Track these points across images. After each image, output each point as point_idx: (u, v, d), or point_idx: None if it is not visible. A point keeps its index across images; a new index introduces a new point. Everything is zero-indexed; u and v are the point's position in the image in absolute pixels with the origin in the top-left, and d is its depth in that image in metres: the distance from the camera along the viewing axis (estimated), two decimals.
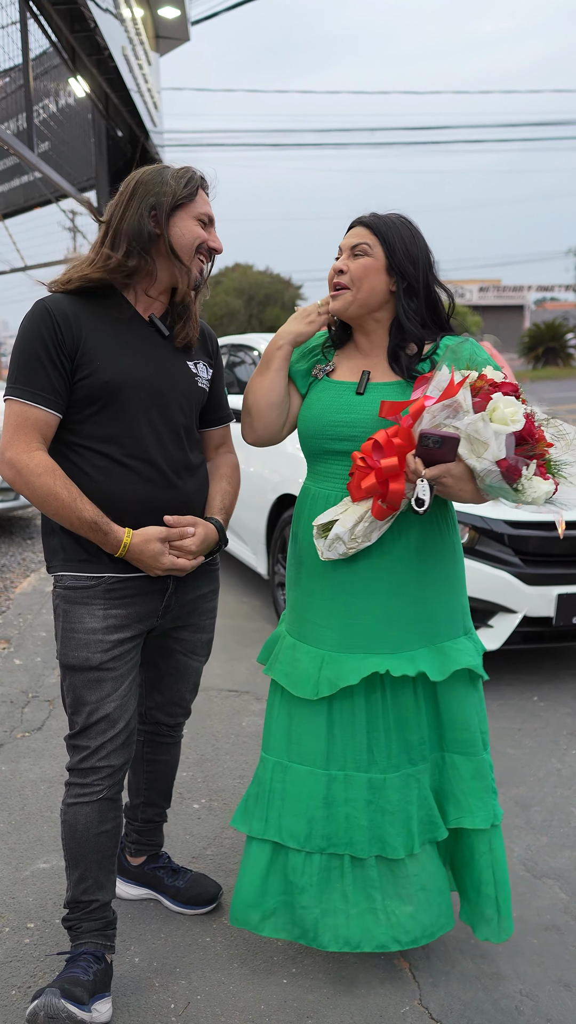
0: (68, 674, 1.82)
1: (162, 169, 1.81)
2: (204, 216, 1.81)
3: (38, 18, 7.02)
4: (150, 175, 1.80)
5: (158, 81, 11.89)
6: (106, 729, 1.80)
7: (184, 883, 2.20)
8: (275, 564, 4.33)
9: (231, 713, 3.42)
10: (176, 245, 1.78)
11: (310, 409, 1.89)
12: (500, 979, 1.96)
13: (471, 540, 3.46)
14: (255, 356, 5.00)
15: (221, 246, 1.85)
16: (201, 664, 2.08)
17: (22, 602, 5.01)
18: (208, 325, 2.02)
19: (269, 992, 1.92)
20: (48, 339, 1.69)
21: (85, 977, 1.79)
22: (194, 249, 1.79)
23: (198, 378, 1.89)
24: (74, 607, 1.79)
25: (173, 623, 1.96)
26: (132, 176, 1.82)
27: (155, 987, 1.94)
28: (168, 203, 1.76)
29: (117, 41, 8.12)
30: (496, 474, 1.64)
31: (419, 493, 1.64)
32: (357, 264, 1.82)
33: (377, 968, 1.99)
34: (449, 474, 1.66)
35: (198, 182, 1.81)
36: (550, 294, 52.27)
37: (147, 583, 1.84)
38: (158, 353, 1.81)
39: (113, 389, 1.73)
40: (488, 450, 1.62)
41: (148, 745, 2.14)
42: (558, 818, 2.64)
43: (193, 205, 1.79)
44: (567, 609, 3.45)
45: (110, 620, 1.79)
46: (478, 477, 1.67)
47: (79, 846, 1.84)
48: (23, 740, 3.16)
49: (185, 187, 1.78)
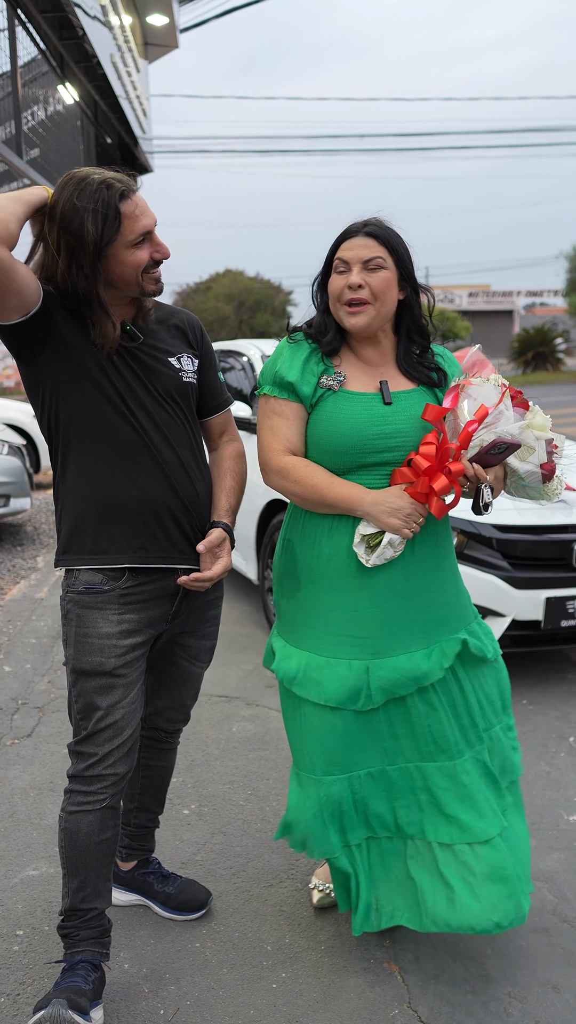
0: (80, 679, 1.81)
1: (73, 201, 1.62)
2: (138, 238, 1.68)
3: (26, 25, 7.03)
4: (67, 217, 1.62)
5: (147, 88, 11.92)
6: (113, 736, 1.80)
7: (174, 889, 2.20)
8: (265, 569, 4.33)
9: (221, 719, 3.42)
10: (118, 283, 1.72)
11: (341, 425, 1.81)
12: (489, 981, 1.97)
13: (460, 544, 3.48)
14: (245, 362, 5.01)
15: (167, 251, 1.75)
16: (203, 670, 2.09)
17: (12, 609, 5.00)
18: (190, 313, 1.99)
19: (259, 997, 1.92)
20: None
21: (86, 986, 1.78)
22: (139, 275, 1.71)
23: (183, 373, 1.87)
24: (88, 612, 1.79)
25: (179, 628, 1.97)
26: (54, 212, 1.65)
27: (145, 993, 1.94)
28: (91, 254, 1.63)
29: (105, 48, 8.14)
30: (537, 476, 1.82)
31: (485, 497, 1.77)
32: (378, 278, 1.79)
33: (366, 972, 2.00)
34: (496, 478, 1.82)
35: (116, 205, 1.63)
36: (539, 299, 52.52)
37: (159, 588, 1.84)
38: (137, 358, 1.81)
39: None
40: (534, 454, 1.79)
41: (145, 750, 2.13)
42: (547, 821, 2.65)
43: (122, 235, 1.65)
44: (555, 613, 3.47)
45: (124, 625, 1.80)
46: (516, 478, 1.84)
47: (80, 854, 1.83)
48: (12, 747, 3.16)
49: (105, 224, 1.61)
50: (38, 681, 3.81)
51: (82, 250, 1.63)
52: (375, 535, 1.81)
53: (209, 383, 1.97)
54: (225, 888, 2.31)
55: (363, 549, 1.82)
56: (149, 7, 10.36)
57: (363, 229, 1.82)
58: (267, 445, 1.89)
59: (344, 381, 1.85)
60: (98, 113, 9.55)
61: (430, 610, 1.90)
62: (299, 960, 2.04)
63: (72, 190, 1.64)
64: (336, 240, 1.86)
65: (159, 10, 10.43)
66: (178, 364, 1.87)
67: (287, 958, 2.05)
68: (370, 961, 2.03)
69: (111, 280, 1.71)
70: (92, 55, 7.81)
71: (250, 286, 31.06)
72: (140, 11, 10.50)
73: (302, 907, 2.23)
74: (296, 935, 2.13)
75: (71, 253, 1.65)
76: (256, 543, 4.39)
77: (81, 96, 8.69)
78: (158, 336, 1.86)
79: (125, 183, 1.67)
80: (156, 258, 1.74)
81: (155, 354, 1.83)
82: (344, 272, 1.82)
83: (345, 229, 1.85)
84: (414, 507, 1.77)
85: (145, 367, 1.81)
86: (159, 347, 1.85)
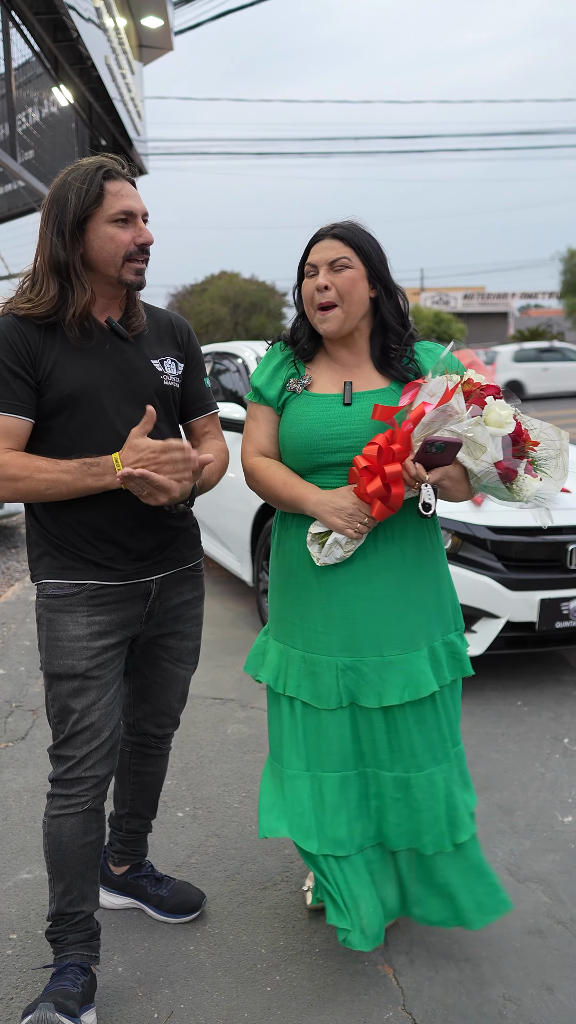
0: (54, 683, 1.81)
1: (65, 179, 1.71)
2: (120, 215, 1.71)
3: (20, 27, 7.03)
4: (55, 191, 1.72)
5: (141, 90, 11.92)
6: (91, 738, 1.80)
7: (168, 892, 2.19)
8: (260, 571, 4.33)
9: (216, 721, 3.41)
10: (97, 263, 1.73)
11: (297, 425, 1.86)
12: (483, 984, 1.97)
13: (454, 546, 3.48)
14: (239, 364, 5.01)
15: (151, 237, 1.77)
16: (188, 672, 2.08)
17: (6, 611, 4.99)
18: (179, 316, 2.00)
19: (253, 1000, 1.92)
20: (7, 357, 1.69)
21: (75, 989, 1.78)
22: (120, 258, 1.73)
23: (165, 376, 1.87)
24: (57, 615, 1.79)
25: (158, 630, 1.96)
26: (49, 191, 1.76)
27: (138, 996, 1.93)
28: (71, 220, 1.69)
29: (100, 50, 8.14)
30: (494, 475, 1.72)
31: (425, 498, 1.70)
32: (343, 278, 1.80)
33: (361, 974, 1.99)
34: (448, 477, 1.73)
35: (100, 180, 1.69)
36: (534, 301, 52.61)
37: (129, 589, 1.83)
38: (119, 357, 1.80)
39: (76, 398, 1.73)
40: (486, 452, 1.70)
41: (135, 757, 2.12)
42: (541, 822, 2.64)
43: (102, 208, 1.70)
44: (550, 614, 3.47)
45: (94, 627, 1.79)
46: (474, 478, 1.75)
47: (64, 858, 1.83)
48: (6, 750, 3.15)
49: (87, 194, 1.68)
50: (32, 684, 3.80)
51: (64, 217, 1.70)
52: (323, 534, 1.83)
53: (194, 386, 1.98)
54: (219, 891, 2.31)
55: (315, 548, 1.84)
56: (144, 9, 10.37)
57: (330, 232, 1.84)
58: (243, 447, 1.99)
59: (310, 384, 1.89)
60: (93, 115, 9.55)
61: (404, 613, 1.87)
62: (293, 963, 2.04)
63: (68, 171, 1.74)
64: (306, 245, 1.88)
65: (154, 12, 10.44)
66: (161, 367, 1.86)
67: (281, 961, 2.04)
68: (364, 964, 2.03)
69: (91, 257, 1.73)
70: (86, 57, 7.82)
71: (245, 288, 31.07)
72: (135, 13, 10.50)
73: (296, 910, 2.23)
74: (290, 938, 2.12)
75: (55, 223, 1.71)
76: (251, 545, 4.39)
77: (76, 98, 8.69)
78: (144, 338, 1.86)
79: (114, 165, 1.74)
80: (139, 242, 1.75)
81: (137, 356, 1.83)
82: (313, 275, 1.84)
83: (315, 233, 1.87)
84: (357, 507, 1.77)
85: (127, 368, 1.80)
86: (143, 349, 1.85)
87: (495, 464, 1.71)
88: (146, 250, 1.77)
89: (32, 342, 1.71)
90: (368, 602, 1.85)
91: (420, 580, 1.89)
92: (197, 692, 3.67)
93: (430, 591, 1.91)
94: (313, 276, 1.84)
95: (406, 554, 1.87)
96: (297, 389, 1.89)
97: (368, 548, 1.84)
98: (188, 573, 1.97)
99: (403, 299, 1.93)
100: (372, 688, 1.85)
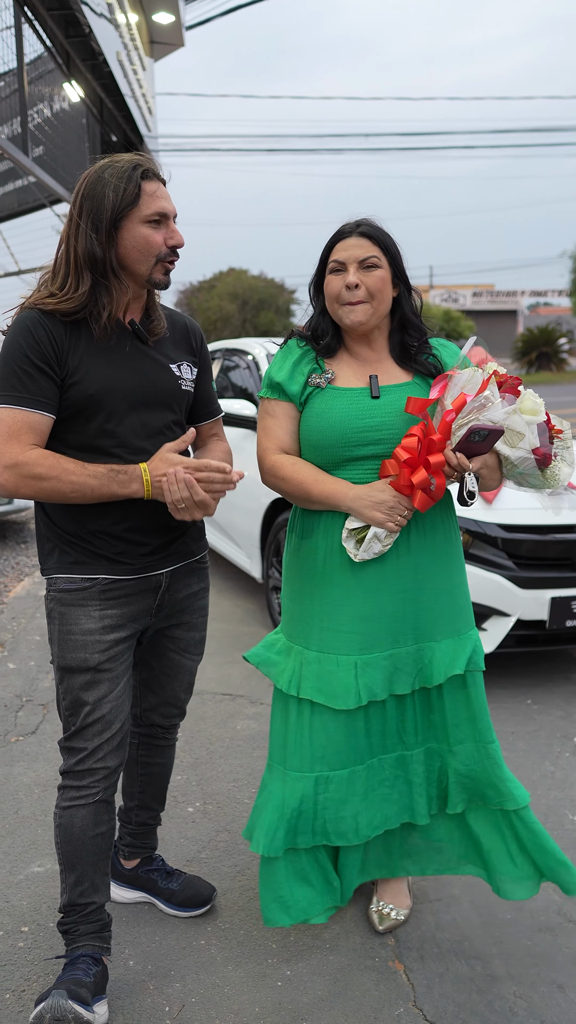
0: (65, 676, 1.82)
1: (101, 174, 1.71)
2: (155, 215, 1.73)
3: (32, 23, 7.04)
4: (91, 185, 1.72)
5: (152, 86, 11.93)
6: (102, 730, 1.81)
7: (178, 885, 2.20)
8: (269, 568, 4.33)
9: (225, 717, 3.42)
10: (128, 261, 1.74)
11: (325, 419, 1.84)
12: (494, 981, 1.97)
13: (465, 543, 3.47)
14: (249, 360, 5.01)
15: (182, 240, 1.78)
16: (194, 663, 2.08)
17: (16, 606, 5.00)
18: (192, 320, 2.01)
19: (264, 995, 1.92)
20: (33, 352, 1.69)
21: (87, 979, 1.80)
22: (152, 259, 1.74)
23: (182, 381, 1.88)
24: (70, 609, 1.80)
25: (166, 621, 1.97)
26: (79, 185, 1.75)
27: (150, 990, 1.94)
28: (108, 218, 1.69)
29: (112, 46, 8.14)
30: (531, 461, 1.78)
31: (469, 486, 1.74)
32: (374, 277, 1.82)
33: (371, 970, 2.00)
34: (486, 465, 1.78)
35: (138, 180, 1.71)
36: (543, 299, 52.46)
37: (140, 583, 1.84)
38: (140, 361, 1.81)
39: (98, 400, 1.73)
40: (524, 440, 1.76)
41: (143, 748, 2.14)
42: (552, 821, 2.64)
43: (138, 209, 1.71)
44: (560, 612, 3.46)
45: (106, 620, 1.80)
46: (510, 465, 1.81)
47: (75, 849, 1.84)
48: (17, 744, 3.16)
49: (124, 192, 1.69)
50: (42, 678, 3.82)
51: (100, 214, 1.69)
52: (361, 529, 1.83)
53: (204, 391, 2.00)
54: (230, 886, 2.31)
55: (352, 544, 1.84)
56: (155, 5, 10.37)
57: (356, 229, 1.85)
58: (261, 444, 1.95)
59: (333, 378, 1.89)
60: (104, 111, 9.56)
61: (425, 608, 1.91)
62: (304, 958, 2.04)
63: (104, 166, 1.74)
64: (329, 241, 1.89)
65: (165, 8, 10.44)
66: (179, 371, 1.87)
67: (292, 956, 2.05)
68: (375, 959, 2.03)
69: (123, 256, 1.73)
70: (98, 53, 7.82)
71: (254, 285, 31.05)
72: (146, 9, 10.51)
73: None
74: (301, 933, 2.12)
75: (91, 218, 1.70)
76: (260, 542, 4.39)
77: (87, 94, 8.70)
78: (162, 341, 1.87)
79: (151, 164, 1.75)
80: (171, 244, 1.76)
81: (157, 360, 1.84)
82: (340, 272, 1.84)
83: (338, 230, 1.88)
84: (397, 500, 1.78)
85: (148, 372, 1.81)
86: (162, 353, 1.86)
87: (533, 451, 1.77)
88: (176, 252, 1.79)
89: (58, 339, 1.71)
90: (394, 594, 1.88)
91: (447, 571, 1.93)
92: (206, 688, 3.68)
93: (457, 583, 1.96)
94: (339, 272, 1.84)
95: (437, 546, 1.90)
96: (321, 384, 1.88)
97: (400, 541, 1.87)
98: (195, 565, 1.99)
99: (417, 296, 1.95)
100: (407, 675, 1.91)
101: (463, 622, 1.97)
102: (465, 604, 1.98)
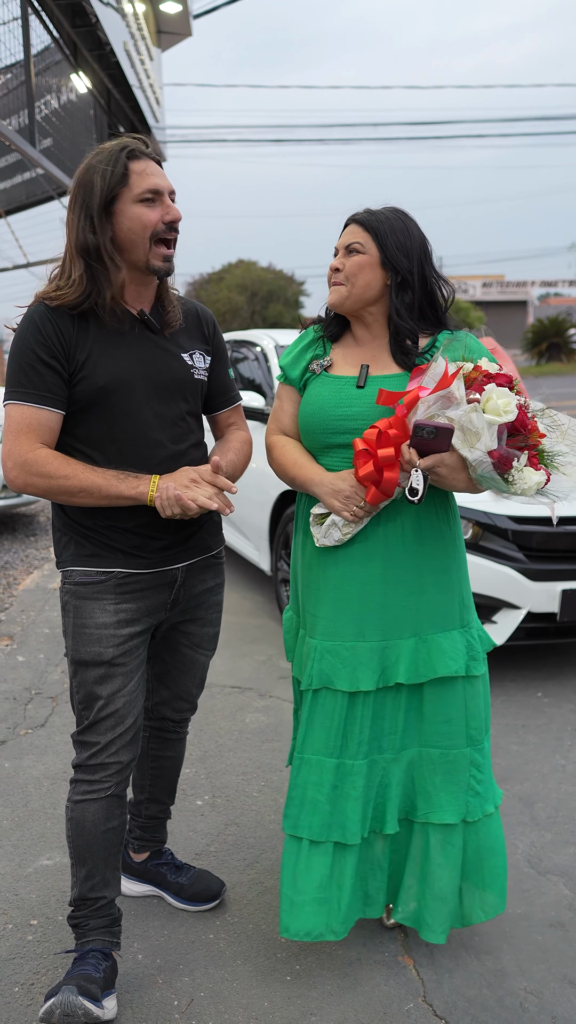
0: (80, 670, 1.81)
1: (91, 162, 1.70)
2: (147, 193, 1.70)
3: (39, 13, 7.01)
4: (82, 175, 1.70)
5: (160, 76, 11.87)
6: (115, 725, 1.80)
7: (187, 879, 2.19)
8: (278, 560, 4.32)
9: (234, 710, 3.41)
10: (125, 242, 1.72)
11: (310, 405, 1.89)
12: (504, 976, 1.95)
13: (475, 536, 3.45)
14: (258, 352, 4.98)
15: (178, 214, 1.75)
16: (207, 658, 2.08)
17: (25, 599, 5.01)
18: (204, 307, 1.99)
19: (273, 989, 1.92)
20: (40, 347, 1.68)
21: (97, 974, 1.79)
22: (147, 239, 1.71)
23: (195, 370, 1.86)
24: (85, 603, 1.79)
25: (180, 616, 1.96)
26: (75, 176, 1.74)
27: (158, 984, 1.93)
28: (99, 204, 1.67)
29: (119, 36, 8.10)
30: (488, 464, 1.67)
31: (413, 483, 1.67)
32: (351, 261, 1.84)
33: (381, 965, 1.99)
34: (443, 464, 1.71)
35: (124, 160, 1.69)
36: (554, 289, 52.16)
37: (156, 577, 1.83)
38: (151, 350, 1.79)
39: (109, 391, 1.72)
40: (480, 440, 1.66)
41: (153, 741, 2.13)
42: (562, 815, 2.63)
43: (129, 188, 1.69)
44: (571, 605, 3.44)
45: (121, 614, 1.79)
46: (470, 467, 1.71)
47: (86, 843, 1.84)
48: (26, 737, 3.16)
49: (112, 174, 1.67)
50: (51, 671, 3.82)
51: (91, 200, 1.68)
52: (323, 515, 1.84)
53: (219, 379, 1.98)
54: (239, 880, 2.31)
55: (316, 528, 1.85)
56: None
57: (355, 217, 1.88)
58: (267, 426, 2.04)
59: (330, 366, 1.92)
60: (111, 102, 9.52)
61: (392, 604, 1.86)
62: (313, 952, 2.03)
63: (92, 156, 1.72)
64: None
65: None
66: (191, 360, 1.86)
67: (301, 950, 2.04)
68: (384, 954, 2.02)
69: (120, 239, 1.71)
70: (105, 43, 7.78)
71: (263, 276, 30.93)
72: None
73: None
74: None
75: (83, 206, 1.70)
76: (269, 534, 4.38)
77: (94, 85, 8.66)
78: (175, 331, 1.85)
79: (137, 144, 1.73)
80: (167, 220, 1.73)
81: (169, 349, 1.82)
82: (336, 258, 1.91)
83: (347, 218, 1.92)
84: (355, 491, 1.78)
85: (159, 361, 1.79)
86: (174, 342, 1.84)
87: (488, 453, 1.65)
88: (175, 227, 1.75)
89: (65, 332, 1.70)
90: (360, 586, 1.85)
91: (419, 569, 1.86)
92: (215, 681, 3.67)
93: (431, 582, 1.87)
94: (336, 258, 1.90)
95: (406, 541, 1.85)
96: (316, 370, 1.92)
97: (369, 532, 1.85)
98: (211, 560, 1.97)
99: (446, 289, 1.90)
100: (370, 670, 1.85)
101: (432, 624, 1.87)
102: (441, 606, 1.88)
